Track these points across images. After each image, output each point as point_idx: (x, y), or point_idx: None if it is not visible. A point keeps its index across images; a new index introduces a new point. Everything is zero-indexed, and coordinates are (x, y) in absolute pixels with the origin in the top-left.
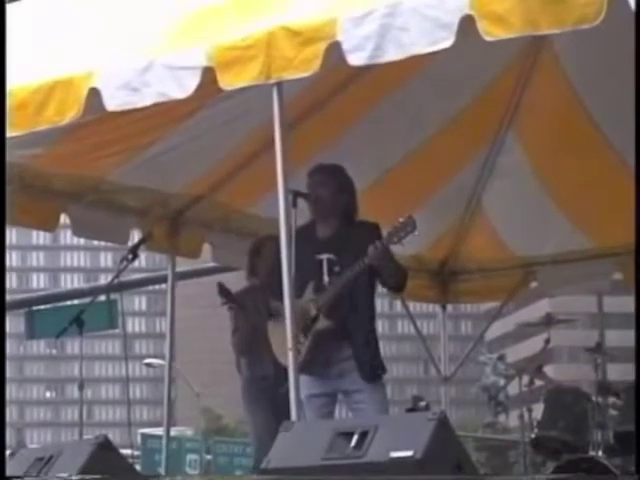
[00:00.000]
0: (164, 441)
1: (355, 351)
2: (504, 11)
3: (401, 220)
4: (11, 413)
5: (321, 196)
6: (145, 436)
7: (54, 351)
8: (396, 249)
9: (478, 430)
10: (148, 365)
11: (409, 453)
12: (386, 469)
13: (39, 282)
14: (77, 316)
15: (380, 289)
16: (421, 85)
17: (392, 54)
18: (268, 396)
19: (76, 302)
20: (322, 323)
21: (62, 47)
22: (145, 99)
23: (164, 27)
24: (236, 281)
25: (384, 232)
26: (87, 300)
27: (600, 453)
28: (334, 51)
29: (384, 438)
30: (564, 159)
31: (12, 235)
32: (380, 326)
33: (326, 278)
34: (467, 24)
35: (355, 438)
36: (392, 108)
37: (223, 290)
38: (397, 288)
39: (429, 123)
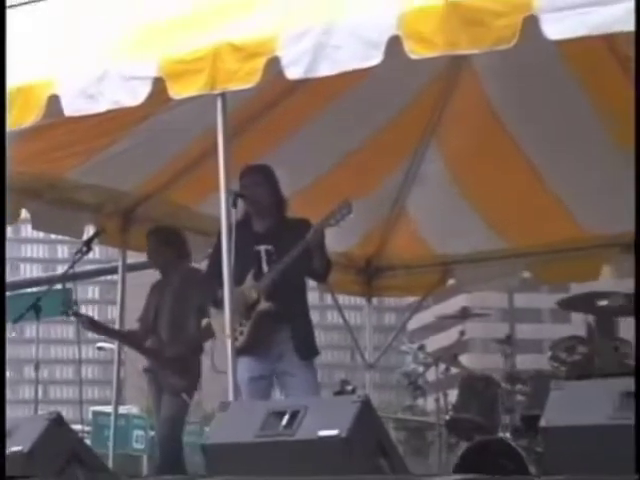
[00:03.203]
0: (113, 418)
1: (293, 331)
2: (428, 32)
3: (338, 204)
4: None
5: (259, 196)
6: (96, 413)
7: (13, 334)
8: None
9: (398, 412)
10: (99, 349)
11: (335, 432)
12: (314, 446)
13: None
14: (35, 303)
15: (311, 283)
16: (353, 98)
17: (326, 69)
18: (151, 387)
19: (34, 290)
20: (263, 305)
21: (25, 55)
22: (100, 106)
23: (120, 39)
24: None
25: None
26: (44, 288)
27: (508, 434)
28: (274, 65)
29: (313, 418)
30: (481, 169)
31: None
32: (312, 316)
33: (265, 266)
34: (395, 43)
35: (286, 418)
36: (326, 118)
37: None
38: (323, 275)
39: (359, 133)
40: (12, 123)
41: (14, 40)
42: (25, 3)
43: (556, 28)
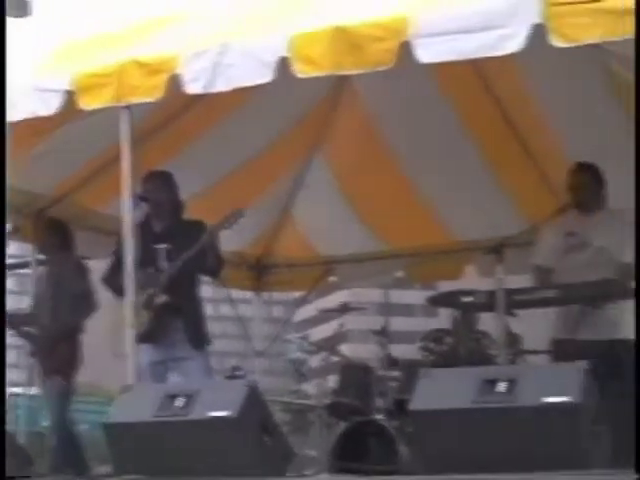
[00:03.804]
0: (23, 399)
1: (186, 323)
2: (315, 54)
3: (231, 211)
4: None
5: (160, 200)
6: (11, 395)
7: None
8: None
9: (285, 395)
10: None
11: (226, 413)
12: (206, 426)
13: None
14: None
15: (207, 278)
16: (249, 112)
17: (221, 86)
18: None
19: None
20: (161, 299)
21: None
22: (17, 115)
23: (39, 55)
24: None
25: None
26: None
27: (381, 416)
28: (175, 81)
29: (205, 400)
30: (363, 179)
31: None
32: (207, 308)
33: (163, 264)
34: (284, 64)
35: (181, 400)
36: (224, 130)
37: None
38: (215, 272)
39: (253, 144)
40: None
41: None
42: None
43: (427, 53)
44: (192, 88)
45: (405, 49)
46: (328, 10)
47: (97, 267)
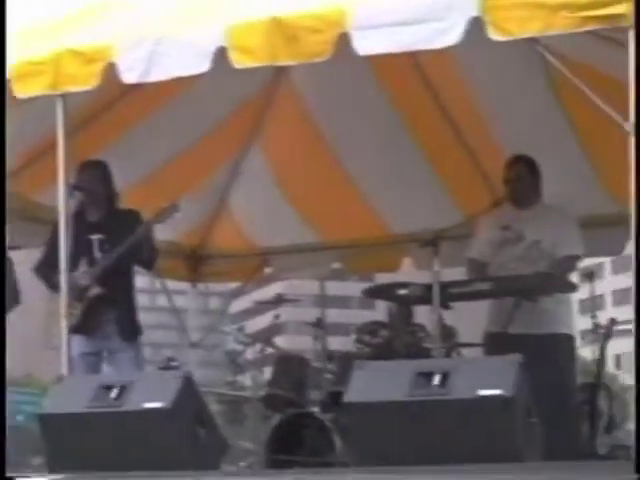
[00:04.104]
0: None
1: (119, 315)
2: (252, 45)
3: (166, 205)
4: None
5: (95, 189)
6: None
7: None
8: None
9: (220, 387)
10: None
11: (159, 404)
12: (140, 417)
13: None
14: None
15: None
16: (187, 101)
17: (157, 75)
18: None
19: None
20: (94, 290)
21: None
22: None
23: None
24: (23, 259)
25: (151, 214)
26: None
27: (316, 409)
28: (111, 70)
29: (139, 391)
30: (299, 169)
31: None
32: (142, 299)
33: (97, 254)
34: (221, 54)
35: (115, 391)
36: (160, 119)
37: None
38: (150, 264)
39: (190, 134)
40: None
41: None
42: None
43: (365, 45)
44: (128, 77)
45: (343, 41)
46: (266, 0)
47: (30, 257)
